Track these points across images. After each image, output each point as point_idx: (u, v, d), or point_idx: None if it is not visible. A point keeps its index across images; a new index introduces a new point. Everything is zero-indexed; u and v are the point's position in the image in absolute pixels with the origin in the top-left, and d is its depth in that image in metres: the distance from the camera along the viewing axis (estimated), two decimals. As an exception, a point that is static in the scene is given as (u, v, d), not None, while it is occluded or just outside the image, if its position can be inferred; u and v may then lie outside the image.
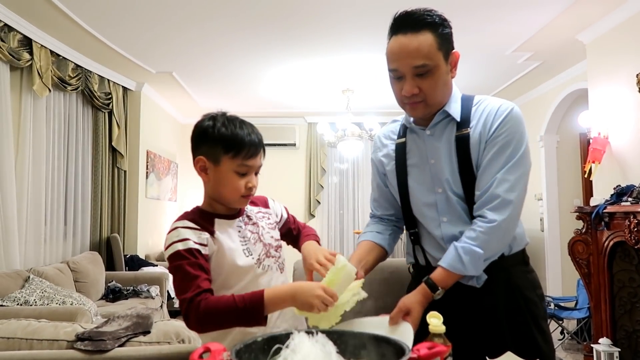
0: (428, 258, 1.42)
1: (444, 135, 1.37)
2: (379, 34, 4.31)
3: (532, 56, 4.80)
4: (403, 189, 1.44)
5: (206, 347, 0.99)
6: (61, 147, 4.57)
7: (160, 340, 1.86)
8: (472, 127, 1.34)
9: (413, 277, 1.53)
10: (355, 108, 6.29)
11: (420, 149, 1.41)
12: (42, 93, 4.02)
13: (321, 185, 7.57)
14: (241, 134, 1.26)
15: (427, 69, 1.25)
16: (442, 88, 1.31)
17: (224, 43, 4.48)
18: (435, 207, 1.37)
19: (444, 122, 1.37)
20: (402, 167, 1.44)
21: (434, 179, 1.37)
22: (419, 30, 1.25)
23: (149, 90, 5.96)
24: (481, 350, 1.22)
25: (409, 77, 1.27)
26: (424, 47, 1.24)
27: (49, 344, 1.78)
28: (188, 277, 1.18)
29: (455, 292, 1.32)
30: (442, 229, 1.36)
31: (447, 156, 1.35)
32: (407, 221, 1.46)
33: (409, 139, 1.45)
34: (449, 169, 1.35)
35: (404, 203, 1.45)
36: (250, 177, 1.29)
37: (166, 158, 6.73)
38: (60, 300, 3.37)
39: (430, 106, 1.33)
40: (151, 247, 6.15)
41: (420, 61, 1.24)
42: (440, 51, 1.26)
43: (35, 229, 4.14)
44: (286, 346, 0.97)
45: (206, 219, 1.30)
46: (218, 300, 1.16)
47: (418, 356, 0.93)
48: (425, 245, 1.43)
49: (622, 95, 3.80)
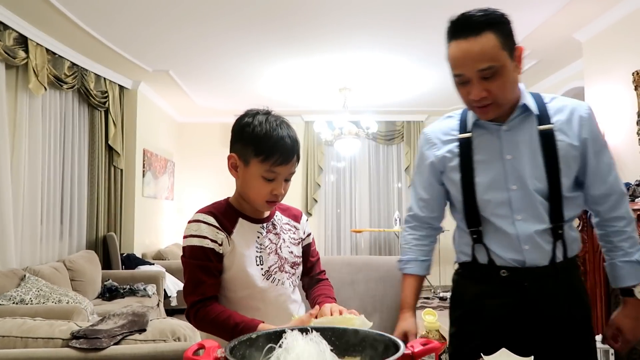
0: (492, 257, 1.36)
1: (524, 129, 1.33)
2: (376, 33, 4.33)
3: (528, 55, 4.80)
4: (468, 186, 1.38)
5: (200, 344, 0.99)
6: (57, 146, 4.56)
7: (156, 338, 1.86)
8: (555, 122, 1.32)
9: (461, 275, 1.49)
10: (352, 106, 6.29)
11: (491, 145, 1.36)
12: (37, 91, 4.01)
13: (318, 183, 7.57)
14: (275, 138, 1.22)
15: (494, 71, 1.22)
16: (511, 87, 1.27)
17: (220, 41, 4.47)
18: (508, 205, 1.33)
19: (522, 117, 1.34)
20: (467, 163, 1.38)
21: (508, 176, 1.33)
22: (479, 33, 1.21)
23: (146, 88, 5.94)
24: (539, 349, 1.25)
25: (476, 81, 1.24)
26: (487, 49, 1.20)
27: (44, 342, 1.77)
28: (195, 280, 1.19)
29: (519, 296, 1.33)
30: (517, 227, 1.32)
31: (530, 151, 1.32)
32: (470, 219, 1.39)
33: (476, 134, 1.38)
34: (531, 164, 1.31)
35: (468, 201, 1.38)
36: (278, 184, 1.24)
37: (163, 157, 6.72)
38: (56, 299, 3.37)
39: (501, 106, 1.29)
40: (148, 246, 6.14)
41: (485, 64, 1.21)
42: (504, 50, 1.22)
43: (32, 227, 4.12)
44: (279, 345, 0.97)
45: (230, 216, 1.28)
46: (217, 315, 1.17)
47: (412, 353, 0.93)
48: (490, 244, 1.36)
49: (618, 93, 3.81)
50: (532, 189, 1.31)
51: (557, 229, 1.32)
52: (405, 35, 4.32)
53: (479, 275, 1.38)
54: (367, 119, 6.11)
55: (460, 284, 1.47)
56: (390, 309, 1.76)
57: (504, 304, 1.33)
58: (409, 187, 7.57)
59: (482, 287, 1.38)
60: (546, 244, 1.32)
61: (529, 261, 1.31)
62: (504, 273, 1.33)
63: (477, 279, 1.39)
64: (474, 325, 1.37)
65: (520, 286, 1.32)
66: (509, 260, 1.32)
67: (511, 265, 1.33)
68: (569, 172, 1.32)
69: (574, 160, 1.32)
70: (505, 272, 1.33)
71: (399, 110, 7.26)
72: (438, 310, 5.68)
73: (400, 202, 7.64)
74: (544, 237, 1.31)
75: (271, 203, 1.27)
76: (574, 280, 1.38)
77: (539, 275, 1.32)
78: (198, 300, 1.17)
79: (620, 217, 1.36)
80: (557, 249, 1.32)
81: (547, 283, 1.32)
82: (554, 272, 1.33)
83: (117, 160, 5.43)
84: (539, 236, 1.31)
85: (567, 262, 1.35)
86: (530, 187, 1.31)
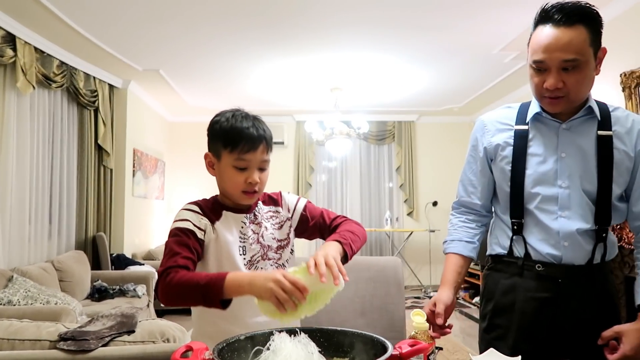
0: (529, 250, 1.36)
1: (584, 131, 1.34)
2: (367, 33, 4.33)
3: (518, 55, 4.83)
4: (518, 177, 1.37)
5: (188, 346, 0.98)
6: (46, 145, 4.52)
7: (145, 340, 1.85)
8: (615, 130, 1.34)
9: (493, 269, 1.48)
10: (343, 106, 6.29)
11: (548, 140, 1.36)
12: (26, 90, 3.97)
13: (309, 183, 7.57)
14: (239, 128, 1.25)
15: (577, 64, 1.22)
16: (587, 85, 1.27)
17: (211, 41, 4.45)
18: (555, 201, 1.33)
19: (583, 119, 1.35)
20: (520, 154, 1.38)
21: (560, 173, 1.33)
22: (573, 24, 1.20)
23: (136, 87, 5.90)
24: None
25: (555, 71, 1.24)
26: (577, 42, 1.20)
27: (32, 344, 1.76)
28: (170, 253, 1.20)
29: (558, 297, 1.33)
30: (560, 223, 1.32)
31: (585, 153, 1.32)
32: (514, 210, 1.39)
33: (533, 127, 1.39)
34: (584, 165, 1.32)
35: (514, 191, 1.38)
36: (250, 172, 1.26)
37: (153, 156, 6.68)
38: (45, 299, 3.34)
39: (572, 102, 1.29)
40: (138, 246, 6.10)
41: (571, 55, 1.20)
42: (591, 47, 1.22)
43: (19, 227, 4.08)
44: (267, 348, 0.97)
45: (215, 209, 1.31)
46: (186, 275, 1.14)
47: (400, 354, 0.94)
48: (529, 237, 1.37)
49: (607, 94, 3.84)
50: (581, 189, 1.32)
51: (602, 232, 1.33)
52: (397, 35, 4.33)
53: (514, 268, 1.39)
54: (358, 118, 6.12)
55: (492, 277, 1.47)
56: (379, 310, 1.76)
57: (536, 299, 1.34)
58: (400, 187, 7.61)
59: (515, 280, 1.38)
60: (587, 244, 1.32)
61: (566, 258, 1.32)
62: (539, 268, 1.34)
63: (511, 273, 1.40)
64: (505, 319, 1.38)
65: (555, 282, 1.32)
66: (545, 255, 1.33)
67: (547, 261, 1.33)
68: (620, 181, 1.33)
69: (626, 171, 1.33)
70: (541, 266, 1.34)
71: (390, 110, 7.28)
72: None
73: (392, 202, 7.66)
74: (586, 237, 1.32)
75: (249, 194, 1.28)
76: (608, 283, 1.38)
77: (574, 273, 1.32)
78: (169, 266, 1.15)
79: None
80: (597, 250, 1.33)
81: (582, 282, 1.32)
82: (590, 273, 1.33)
83: (106, 159, 5.39)
84: (580, 235, 1.32)
85: (603, 265, 1.36)
86: (579, 187, 1.32)
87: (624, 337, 1.27)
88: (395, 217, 7.50)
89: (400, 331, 1.74)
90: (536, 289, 1.34)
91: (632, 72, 3.50)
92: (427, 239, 7.36)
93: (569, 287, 1.32)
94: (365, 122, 6.14)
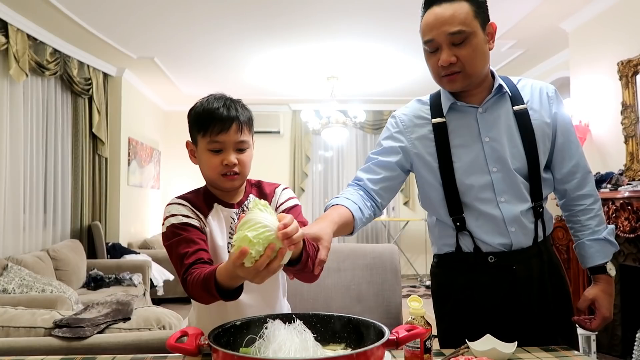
0: (477, 244, 1.34)
1: (499, 110, 1.34)
2: (364, 21, 4.30)
3: (515, 44, 4.81)
4: (448, 172, 1.34)
5: (184, 331, 0.98)
6: (40, 134, 4.48)
7: (141, 327, 1.84)
8: (528, 102, 1.35)
9: (443, 267, 1.43)
10: (339, 95, 6.26)
11: (469, 128, 1.34)
12: (19, 78, 3.92)
13: (305, 173, 7.56)
14: (210, 109, 1.21)
15: (464, 36, 1.23)
16: (480, 57, 1.26)
17: (207, 28, 4.41)
18: (491, 188, 1.32)
19: (496, 98, 1.35)
20: (444, 148, 1.35)
21: (489, 158, 1.32)
22: (453, 0, 1.24)
23: (130, 76, 5.85)
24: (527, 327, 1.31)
25: (446, 47, 1.25)
26: (459, 13, 1.22)
27: (26, 331, 1.75)
28: (178, 257, 1.15)
29: (506, 277, 1.33)
30: (502, 209, 1.31)
31: (507, 132, 1.33)
32: (451, 206, 1.35)
33: (451, 118, 1.36)
34: (510, 144, 1.32)
35: (448, 188, 1.35)
36: (226, 154, 1.21)
37: (148, 145, 6.64)
38: (40, 288, 3.32)
39: (470, 76, 1.28)
40: (133, 235, 6.09)
41: (456, 27, 1.22)
42: (476, 19, 1.24)
43: (14, 216, 4.06)
44: (259, 336, 0.96)
45: (206, 201, 1.27)
46: (196, 276, 1.07)
47: (397, 338, 0.93)
48: (474, 230, 1.33)
49: (603, 83, 3.84)
50: (513, 169, 1.31)
51: (538, 207, 1.34)
52: (393, 24, 4.29)
53: (465, 264, 1.36)
54: (354, 108, 6.09)
55: (444, 276, 1.43)
56: (376, 297, 1.76)
57: (495, 290, 1.33)
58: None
59: (470, 276, 1.35)
60: (530, 224, 1.34)
61: (516, 244, 1.32)
62: (492, 259, 1.33)
63: (464, 269, 1.36)
64: (466, 317, 1.35)
65: (509, 270, 1.32)
66: (496, 245, 1.32)
67: (498, 250, 1.32)
68: (545, 150, 1.35)
69: (548, 138, 1.35)
70: (493, 257, 1.33)
71: (387, 99, 7.25)
72: (424, 299, 5.73)
73: (388, 192, 7.65)
74: (527, 216, 1.33)
75: (229, 177, 1.23)
76: (552, 257, 1.41)
77: (525, 256, 1.33)
78: (183, 272, 1.11)
79: (587, 194, 1.39)
80: (539, 227, 1.35)
81: (534, 263, 1.34)
82: (538, 252, 1.35)
83: (101, 148, 5.35)
84: (523, 216, 1.32)
85: (545, 240, 1.39)
86: (511, 167, 1.31)
87: (597, 303, 1.34)
88: (392, 207, 7.50)
89: (397, 318, 1.74)
90: (493, 280, 1.33)
91: (629, 60, 3.49)
92: (423, 228, 7.37)
93: (523, 271, 1.33)
94: (362, 111, 6.12)
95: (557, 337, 1.34)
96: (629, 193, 3.18)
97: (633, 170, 3.44)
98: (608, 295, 1.34)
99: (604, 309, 1.33)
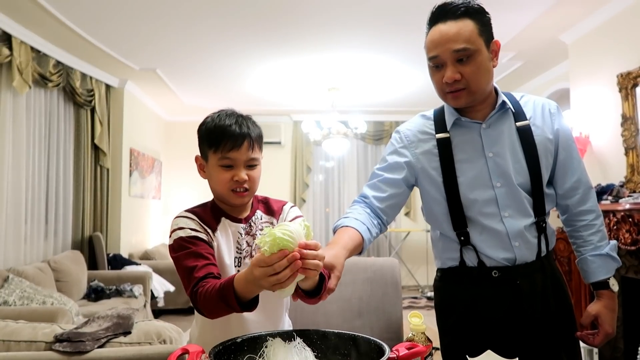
0: (482, 258, 1.34)
1: (502, 126, 1.36)
2: (365, 33, 4.33)
3: (515, 56, 4.84)
4: (452, 187, 1.36)
5: (184, 349, 0.98)
6: (42, 145, 4.50)
7: (141, 341, 1.84)
8: (530, 118, 1.37)
9: (447, 282, 1.44)
10: (340, 106, 6.29)
11: (472, 143, 1.36)
12: (22, 89, 3.95)
13: (307, 183, 7.56)
14: (222, 126, 1.22)
15: (469, 53, 1.24)
16: (484, 75, 1.28)
17: (209, 40, 4.44)
18: (495, 203, 1.33)
19: (499, 114, 1.37)
20: (448, 163, 1.37)
21: (493, 173, 1.34)
22: (458, 18, 1.25)
23: (133, 87, 5.88)
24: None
25: (450, 64, 1.26)
26: (464, 31, 1.24)
27: (27, 345, 1.75)
28: (186, 270, 1.15)
29: (510, 292, 1.33)
30: (506, 224, 1.32)
31: (510, 147, 1.34)
32: (456, 221, 1.36)
33: (455, 133, 1.38)
34: (513, 159, 1.34)
35: (452, 202, 1.36)
36: (237, 170, 1.22)
37: (150, 156, 6.66)
38: (41, 300, 3.32)
39: (474, 93, 1.30)
40: (134, 246, 6.09)
41: (461, 45, 1.24)
42: (481, 37, 1.26)
43: (15, 227, 4.06)
44: (259, 355, 0.96)
45: (214, 215, 1.28)
46: (207, 289, 1.07)
47: (397, 357, 0.94)
48: (478, 245, 1.34)
49: (603, 95, 3.85)
50: (516, 184, 1.33)
51: (541, 222, 1.35)
52: (394, 35, 4.33)
53: (469, 279, 1.36)
54: (355, 118, 6.11)
55: (447, 290, 1.44)
56: (376, 311, 1.76)
57: (499, 305, 1.33)
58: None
59: (474, 291, 1.36)
60: (533, 238, 1.34)
61: (520, 258, 1.33)
62: (496, 274, 1.33)
63: (467, 284, 1.37)
64: (470, 331, 1.35)
65: (513, 285, 1.32)
66: (500, 259, 1.33)
67: (502, 265, 1.33)
68: (547, 166, 1.36)
69: (550, 154, 1.37)
70: (497, 272, 1.33)
71: (388, 110, 7.28)
72: (426, 310, 5.71)
73: (389, 202, 7.65)
74: (531, 231, 1.34)
75: (239, 193, 1.24)
76: (555, 271, 1.42)
77: (529, 271, 1.33)
78: (192, 286, 1.10)
79: (589, 210, 1.40)
80: (542, 242, 1.36)
81: (537, 278, 1.34)
82: (542, 267, 1.36)
83: (103, 159, 5.37)
84: (527, 231, 1.33)
85: (548, 255, 1.39)
86: (515, 183, 1.33)
87: (599, 319, 1.34)
88: (393, 217, 7.49)
89: (398, 332, 1.74)
90: (497, 295, 1.33)
91: (629, 72, 3.51)
92: (425, 239, 7.36)
93: (527, 286, 1.33)
94: (363, 122, 6.14)
95: (560, 352, 1.34)
96: (630, 205, 3.18)
97: (634, 182, 3.44)
98: (611, 311, 1.35)
99: (606, 325, 1.34)
